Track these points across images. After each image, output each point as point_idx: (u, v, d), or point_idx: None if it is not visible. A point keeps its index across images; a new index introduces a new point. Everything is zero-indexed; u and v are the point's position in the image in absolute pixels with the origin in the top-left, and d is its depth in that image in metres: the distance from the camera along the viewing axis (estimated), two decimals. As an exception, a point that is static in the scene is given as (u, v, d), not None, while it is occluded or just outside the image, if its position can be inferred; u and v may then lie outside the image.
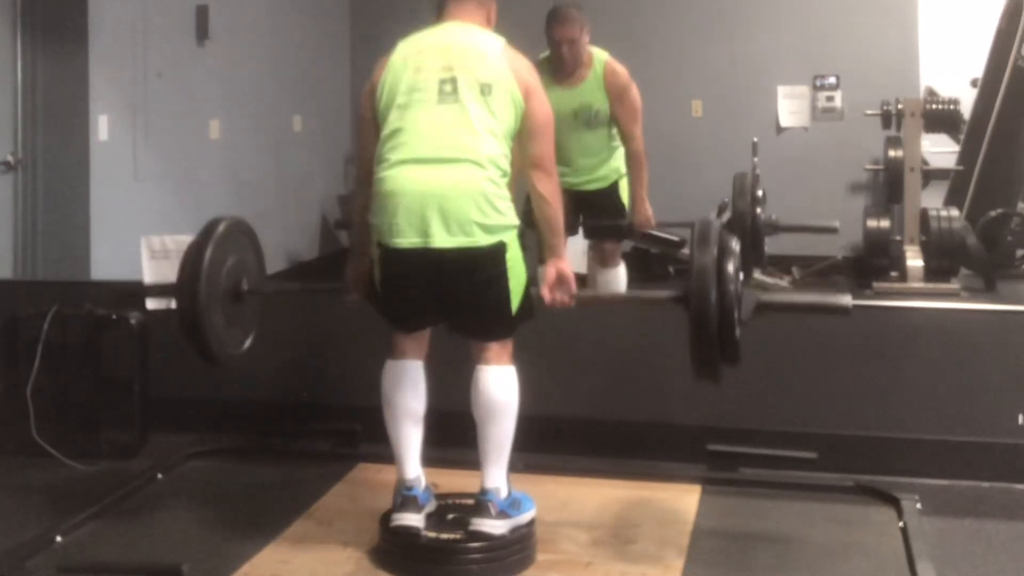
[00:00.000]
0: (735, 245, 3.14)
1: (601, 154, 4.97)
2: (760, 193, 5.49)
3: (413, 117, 3.17)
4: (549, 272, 3.27)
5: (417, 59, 3.26)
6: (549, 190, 3.23)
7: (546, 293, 3.26)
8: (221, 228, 3.45)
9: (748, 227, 5.27)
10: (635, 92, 4.90)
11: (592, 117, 4.84)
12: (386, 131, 3.20)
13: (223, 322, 3.42)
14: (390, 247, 3.14)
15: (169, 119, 6.34)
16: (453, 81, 3.17)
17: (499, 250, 3.12)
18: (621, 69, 4.86)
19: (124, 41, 5.96)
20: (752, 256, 5.17)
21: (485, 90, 3.16)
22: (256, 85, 7.41)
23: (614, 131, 4.92)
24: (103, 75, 5.76)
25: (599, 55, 4.85)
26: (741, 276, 3.10)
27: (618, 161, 5.05)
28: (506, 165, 3.18)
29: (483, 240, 3.09)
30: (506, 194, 3.18)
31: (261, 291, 3.64)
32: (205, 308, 3.32)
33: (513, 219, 3.17)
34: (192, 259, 3.36)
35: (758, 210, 5.33)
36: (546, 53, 4.86)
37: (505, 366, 3.21)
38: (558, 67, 4.77)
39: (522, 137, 3.22)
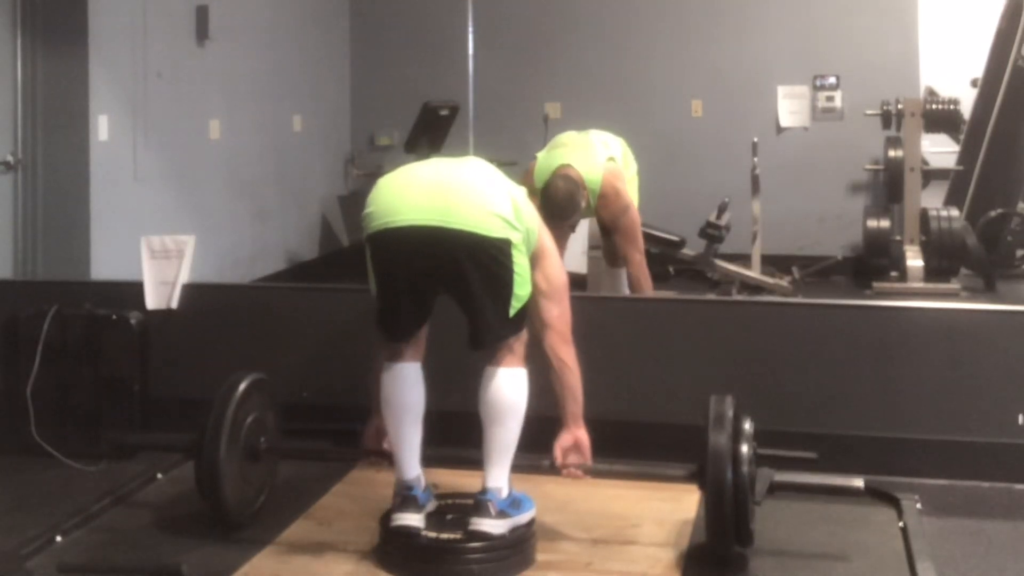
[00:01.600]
0: (748, 426, 3.18)
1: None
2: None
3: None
4: (565, 438, 3.28)
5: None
6: (569, 356, 3.23)
7: (559, 455, 3.27)
8: (243, 385, 3.46)
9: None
10: (630, 218, 4.86)
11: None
12: None
13: (240, 482, 3.44)
14: (387, 229, 3.14)
15: (169, 119, 6.34)
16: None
17: (506, 245, 3.12)
18: (615, 197, 4.81)
19: (124, 41, 5.96)
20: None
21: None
22: (256, 85, 7.41)
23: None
24: (103, 75, 5.76)
25: (593, 184, 4.78)
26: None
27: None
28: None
29: (494, 231, 3.10)
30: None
31: (279, 449, 3.65)
32: (224, 466, 3.34)
33: (518, 232, 3.17)
34: (214, 416, 3.37)
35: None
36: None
37: (516, 368, 3.20)
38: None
39: (537, 297, 3.22)
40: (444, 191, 3.13)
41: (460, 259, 3.11)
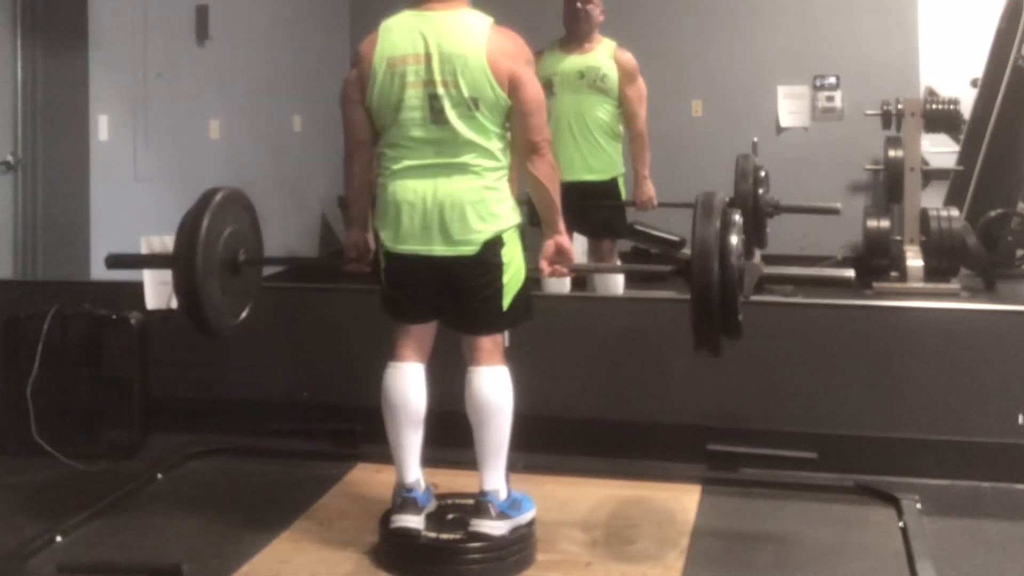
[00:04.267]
0: (738, 218, 3.09)
1: (600, 138, 5.02)
2: (763, 174, 5.34)
3: (409, 132, 3.21)
4: (548, 246, 3.29)
5: (402, 69, 3.21)
6: (545, 171, 3.22)
7: (544, 265, 3.29)
8: (218, 198, 3.42)
9: (750, 208, 5.07)
10: (641, 81, 5.09)
11: (598, 79, 4.97)
12: (385, 140, 3.26)
13: (220, 292, 3.38)
14: (395, 252, 3.21)
15: (169, 119, 6.35)
16: (440, 99, 3.17)
17: (495, 244, 3.15)
18: (630, 57, 5.09)
19: (124, 41, 5.96)
20: (754, 238, 5.01)
21: (472, 105, 3.17)
22: (256, 85, 7.41)
23: (617, 115, 4.96)
24: (103, 75, 5.76)
25: (608, 41, 5.09)
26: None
27: (618, 158, 5.09)
28: (504, 158, 3.21)
29: (480, 244, 3.13)
30: (505, 195, 3.20)
31: (258, 261, 3.61)
32: (202, 278, 3.28)
33: (512, 219, 3.21)
34: (189, 229, 3.32)
35: (760, 190, 5.25)
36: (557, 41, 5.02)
37: (497, 367, 3.21)
38: (570, 34, 5.02)
39: (515, 122, 3.22)
40: (433, 219, 3.15)
41: (450, 277, 3.18)
